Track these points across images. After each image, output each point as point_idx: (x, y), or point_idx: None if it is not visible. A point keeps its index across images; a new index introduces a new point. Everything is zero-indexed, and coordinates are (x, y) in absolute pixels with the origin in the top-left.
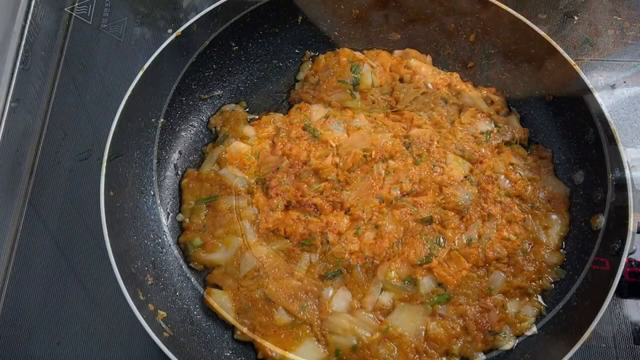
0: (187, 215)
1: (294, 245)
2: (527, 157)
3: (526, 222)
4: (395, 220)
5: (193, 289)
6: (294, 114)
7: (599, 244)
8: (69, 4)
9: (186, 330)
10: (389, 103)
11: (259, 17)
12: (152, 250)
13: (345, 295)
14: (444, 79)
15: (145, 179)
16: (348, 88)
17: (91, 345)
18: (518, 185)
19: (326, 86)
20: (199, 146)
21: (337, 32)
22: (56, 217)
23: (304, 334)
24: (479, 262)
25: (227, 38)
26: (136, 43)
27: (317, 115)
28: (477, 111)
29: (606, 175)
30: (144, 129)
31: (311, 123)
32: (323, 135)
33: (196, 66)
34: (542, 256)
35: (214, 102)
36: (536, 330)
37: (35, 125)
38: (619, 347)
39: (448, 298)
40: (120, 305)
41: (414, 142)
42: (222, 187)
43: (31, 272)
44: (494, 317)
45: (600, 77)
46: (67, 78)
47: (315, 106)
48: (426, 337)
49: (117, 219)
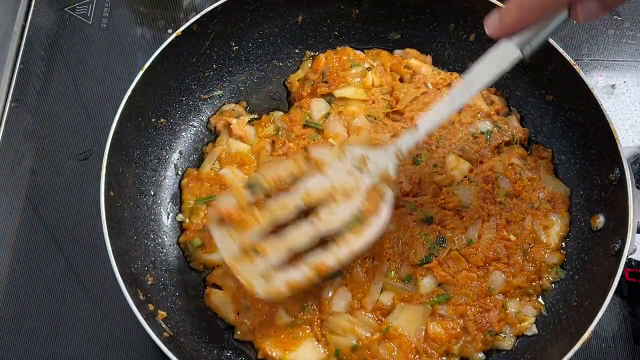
0: (187, 215)
1: None
2: (527, 157)
3: (526, 222)
4: (395, 220)
5: (193, 289)
6: (294, 112)
7: (599, 244)
8: (69, 4)
9: (186, 330)
10: (389, 103)
11: (259, 17)
12: (152, 250)
13: (345, 295)
14: (444, 79)
15: (145, 179)
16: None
17: (91, 345)
18: (518, 185)
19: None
20: (199, 146)
21: (337, 32)
22: (56, 217)
23: (304, 334)
24: (479, 262)
25: (227, 38)
26: (136, 43)
27: (317, 114)
28: (477, 111)
29: (606, 175)
30: (144, 129)
31: (312, 121)
32: (326, 130)
33: (196, 66)
34: (542, 256)
35: (214, 102)
36: (536, 330)
37: (35, 125)
38: (619, 347)
39: (448, 298)
40: (120, 305)
41: None
42: (222, 187)
43: (31, 272)
44: (494, 317)
45: (600, 77)
46: (67, 78)
47: (315, 102)
48: (426, 337)
49: (117, 219)
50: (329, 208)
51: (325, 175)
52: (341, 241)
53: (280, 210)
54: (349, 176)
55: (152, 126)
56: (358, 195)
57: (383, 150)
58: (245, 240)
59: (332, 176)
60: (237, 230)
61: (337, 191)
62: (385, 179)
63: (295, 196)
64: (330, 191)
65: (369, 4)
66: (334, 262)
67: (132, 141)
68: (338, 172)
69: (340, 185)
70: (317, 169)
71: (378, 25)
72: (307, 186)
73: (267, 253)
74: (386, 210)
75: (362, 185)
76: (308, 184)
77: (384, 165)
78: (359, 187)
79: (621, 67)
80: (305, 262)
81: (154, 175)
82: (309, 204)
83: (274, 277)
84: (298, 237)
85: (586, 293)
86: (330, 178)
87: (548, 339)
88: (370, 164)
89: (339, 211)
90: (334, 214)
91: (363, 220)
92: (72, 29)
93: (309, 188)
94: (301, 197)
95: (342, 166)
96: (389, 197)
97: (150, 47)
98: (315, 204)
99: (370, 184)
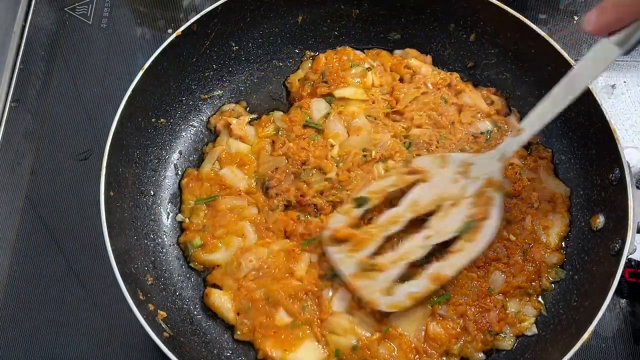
0: (187, 215)
1: (294, 245)
2: (527, 157)
3: (526, 222)
4: None
5: (193, 289)
6: (294, 112)
7: (599, 244)
8: (69, 4)
9: (186, 330)
10: (389, 103)
11: (259, 17)
12: (152, 250)
13: (345, 296)
14: (444, 79)
15: (145, 179)
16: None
17: (91, 345)
18: (518, 185)
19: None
20: (199, 146)
21: (337, 32)
22: (56, 217)
23: (304, 334)
24: (479, 262)
25: (227, 38)
26: (136, 43)
27: (317, 114)
28: (477, 111)
29: (606, 175)
30: (144, 129)
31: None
32: (326, 130)
33: (196, 66)
34: (542, 256)
35: (214, 102)
36: (536, 330)
37: (35, 125)
38: (619, 347)
39: (448, 298)
40: (120, 305)
41: (414, 142)
42: (222, 187)
43: (31, 272)
44: (494, 317)
45: (600, 77)
46: (67, 78)
47: (315, 102)
48: (426, 337)
49: (117, 219)
50: (438, 217)
51: (430, 183)
52: (455, 249)
53: (392, 224)
54: (453, 184)
55: (152, 126)
56: (466, 202)
57: (487, 155)
58: (362, 257)
59: (437, 184)
60: (352, 248)
61: (444, 199)
62: (491, 184)
63: (404, 208)
64: (437, 200)
65: (369, 4)
66: (451, 271)
67: (132, 141)
68: (442, 180)
69: (447, 193)
70: (421, 179)
71: (378, 25)
72: (413, 197)
73: (386, 268)
74: (496, 214)
75: (468, 191)
76: (414, 195)
77: (489, 171)
78: (465, 193)
79: (621, 67)
80: (424, 275)
81: (154, 175)
82: (417, 214)
83: (395, 291)
84: (413, 249)
85: (586, 293)
86: (436, 186)
87: (548, 339)
88: (474, 170)
89: (449, 219)
90: (444, 223)
91: (475, 226)
92: (72, 29)
93: (416, 198)
94: (410, 208)
95: (445, 174)
96: (497, 200)
97: (150, 47)
98: (424, 213)
99: (476, 190)
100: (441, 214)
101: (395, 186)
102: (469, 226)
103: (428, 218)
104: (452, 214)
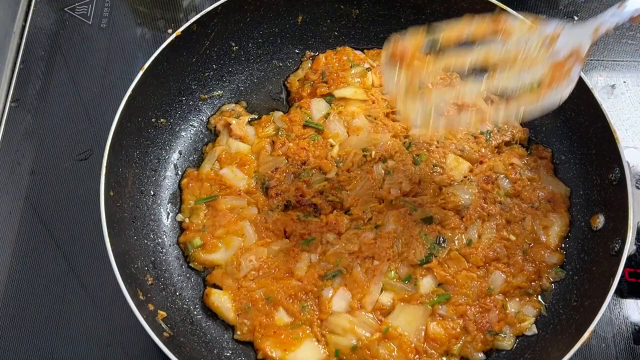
0: (187, 215)
1: (294, 245)
2: (527, 157)
3: (526, 222)
4: (395, 220)
5: (193, 289)
6: (294, 112)
7: (598, 244)
8: (69, 4)
9: (186, 330)
10: (389, 103)
11: (259, 17)
12: (152, 250)
13: (345, 295)
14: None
15: (145, 179)
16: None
17: (91, 345)
18: (518, 185)
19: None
20: (199, 146)
21: (337, 32)
22: (56, 217)
23: (304, 334)
24: (479, 262)
25: (227, 38)
26: (136, 43)
27: (317, 114)
28: None
29: (606, 175)
30: (144, 129)
31: (312, 121)
32: (325, 130)
33: (196, 66)
34: (542, 256)
35: (214, 102)
36: (536, 330)
37: (35, 125)
38: (619, 347)
39: (448, 298)
40: (120, 305)
41: (414, 142)
42: (222, 187)
43: (31, 272)
44: (494, 317)
45: (600, 77)
46: (67, 78)
47: (315, 102)
48: (426, 337)
49: (117, 219)
50: (506, 72)
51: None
52: (512, 101)
53: (455, 60)
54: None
55: (152, 126)
56: (540, 67)
57: (581, 25)
58: (413, 80)
59: (517, 46)
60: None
61: (519, 59)
62: (575, 55)
63: (472, 55)
64: (510, 58)
65: (369, 4)
66: (496, 116)
67: (132, 141)
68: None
69: (524, 54)
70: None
71: (378, 25)
72: (488, 49)
73: (432, 96)
74: (569, 87)
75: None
76: (489, 48)
77: (577, 40)
78: (543, 60)
79: (621, 67)
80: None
81: (154, 175)
82: (486, 63)
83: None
84: (468, 89)
85: (586, 293)
86: (515, 47)
87: (548, 339)
88: (561, 41)
89: (517, 76)
90: (510, 78)
91: (541, 90)
92: (72, 29)
93: (491, 49)
94: (478, 55)
95: (529, 40)
96: (574, 74)
97: (150, 47)
98: (493, 66)
99: (556, 60)
100: (509, 71)
101: (474, 35)
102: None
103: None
104: (521, 73)
